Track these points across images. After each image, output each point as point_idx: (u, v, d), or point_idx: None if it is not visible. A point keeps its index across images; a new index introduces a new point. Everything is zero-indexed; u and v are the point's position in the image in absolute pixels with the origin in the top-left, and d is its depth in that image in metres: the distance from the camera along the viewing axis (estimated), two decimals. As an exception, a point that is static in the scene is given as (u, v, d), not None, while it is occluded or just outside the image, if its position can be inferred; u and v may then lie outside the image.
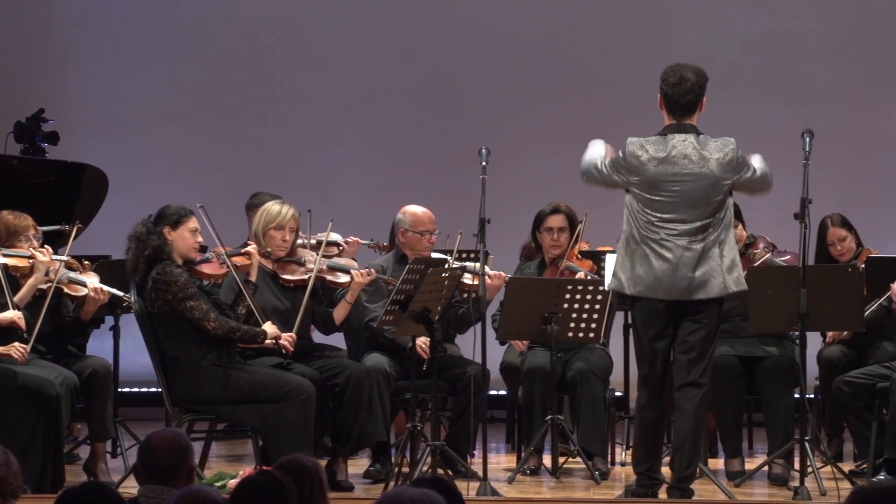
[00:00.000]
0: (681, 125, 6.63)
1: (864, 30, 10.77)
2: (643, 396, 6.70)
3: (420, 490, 3.84)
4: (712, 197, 6.58)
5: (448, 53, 11.01)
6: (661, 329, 6.63)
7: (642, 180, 6.60)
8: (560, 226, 8.06)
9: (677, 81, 6.60)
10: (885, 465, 7.40)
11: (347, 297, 7.60)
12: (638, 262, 6.60)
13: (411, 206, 7.97)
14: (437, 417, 7.43)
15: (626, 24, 10.83)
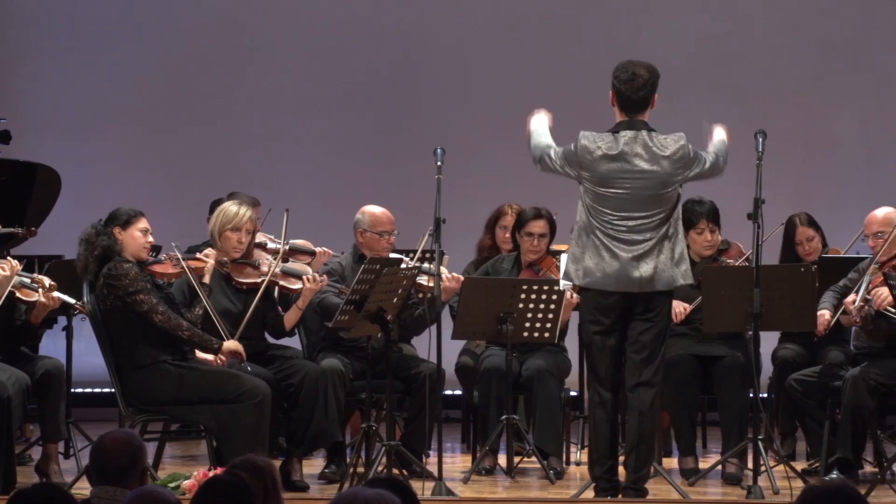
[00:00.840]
0: (632, 122, 6.67)
1: (816, 31, 10.84)
2: (595, 394, 6.72)
3: (375, 490, 3.83)
4: (663, 194, 6.62)
5: (403, 54, 11.01)
6: (611, 325, 6.66)
7: (593, 176, 6.64)
8: (541, 232, 8.09)
9: (629, 78, 6.64)
10: (837, 463, 7.45)
11: (298, 303, 7.57)
12: (589, 254, 6.63)
13: (370, 206, 7.96)
14: (392, 417, 7.43)
15: (579, 24, 10.86)
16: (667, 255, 6.61)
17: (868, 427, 7.59)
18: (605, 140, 6.66)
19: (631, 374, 6.66)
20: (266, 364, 7.43)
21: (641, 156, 6.62)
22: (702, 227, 7.90)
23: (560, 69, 10.77)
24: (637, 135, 6.64)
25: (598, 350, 6.69)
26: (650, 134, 6.65)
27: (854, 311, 7.36)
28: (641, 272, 6.58)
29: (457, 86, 10.96)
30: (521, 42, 10.93)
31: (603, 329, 6.67)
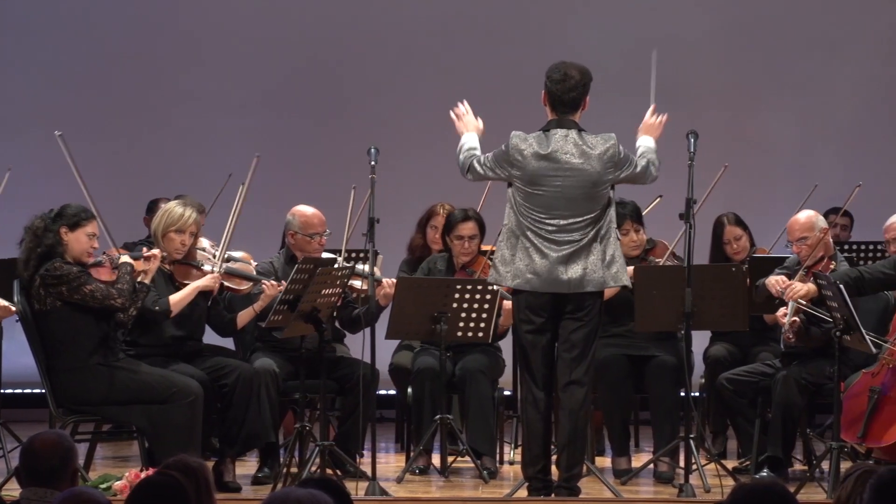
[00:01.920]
0: (563, 121, 6.71)
1: (746, 33, 10.93)
2: (528, 393, 6.75)
3: (307, 490, 3.83)
4: (593, 193, 6.66)
5: (334, 53, 10.98)
6: (542, 324, 6.69)
7: (524, 174, 6.67)
8: (471, 234, 8.09)
9: (561, 78, 6.68)
10: (768, 461, 7.51)
11: (255, 306, 7.55)
12: (519, 255, 6.65)
13: (301, 206, 7.93)
14: (325, 417, 7.42)
15: (509, 25, 10.88)
16: (597, 257, 6.64)
17: (798, 425, 7.67)
18: (536, 138, 6.69)
19: (562, 372, 6.69)
20: (199, 364, 7.39)
21: (572, 154, 6.66)
22: (626, 227, 7.94)
23: (491, 69, 10.79)
24: (568, 133, 6.68)
25: (531, 349, 6.72)
26: (581, 133, 6.69)
27: (787, 327, 7.37)
28: (571, 273, 6.61)
29: (387, 85, 10.95)
30: (452, 42, 10.94)
31: (535, 328, 6.70)
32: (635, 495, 7.40)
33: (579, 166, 6.64)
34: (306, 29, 10.99)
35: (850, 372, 7.28)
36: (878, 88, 10.86)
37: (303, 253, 7.80)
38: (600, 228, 6.67)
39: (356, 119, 10.81)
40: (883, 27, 10.86)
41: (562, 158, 6.65)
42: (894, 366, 6.98)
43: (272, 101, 10.96)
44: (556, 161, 6.65)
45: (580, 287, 6.62)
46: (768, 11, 10.91)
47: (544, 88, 6.74)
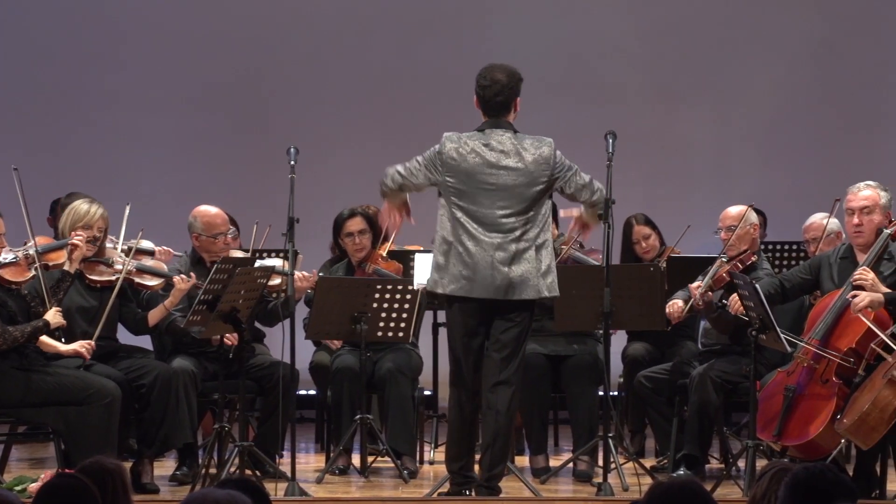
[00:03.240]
0: (497, 122, 6.73)
1: (666, 35, 11.01)
2: (456, 394, 6.75)
3: (226, 491, 3.81)
4: (528, 193, 6.66)
5: (256, 53, 10.94)
6: (475, 327, 6.70)
7: (459, 174, 6.66)
8: (360, 228, 8.08)
9: (488, 83, 6.70)
10: (685, 460, 7.58)
11: (166, 303, 7.50)
12: (452, 262, 6.65)
13: (202, 207, 7.87)
14: (245, 418, 7.38)
15: (433, 24, 10.90)
16: (533, 265, 6.64)
17: (714, 424, 7.74)
18: (470, 138, 6.70)
19: (491, 372, 6.70)
20: (117, 364, 7.33)
21: (506, 154, 6.67)
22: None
23: (413, 70, 10.81)
24: (503, 133, 6.70)
25: (463, 353, 6.72)
26: (516, 134, 6.71)
27: (697, 295, 7.50)
28: (506, 279, 6.62)
29: (308, 85, 10.92)
30: (373, 43, 10.94)
31: (468, 331, 6.71)
32: (554, 494, 7.43)
33: (513, 166, 6.66)
34: (228, 29, 10.94)
35: (766, 371, 7.36)
36: (795, 90, 11.00)
37: (209, 254, 7.77)
38: (538, 236, 6.66)
39: (277, 119, 10.77)
40: (800, 31, 10.99)
41: (496, 157, 6.66)
42: (809, 365, 7.06)
43: (193, 101, 10.89)
44: (491, 161, 6.66)
45: (516, 294, 6.63)
46: (688, 14, 11.01)
47: (476, 93, 6.76)
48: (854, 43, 10.97)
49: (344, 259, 8.24)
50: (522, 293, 6.63)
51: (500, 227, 6.64)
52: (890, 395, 6.63)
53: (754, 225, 7.78)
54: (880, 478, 7.06)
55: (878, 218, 7.15)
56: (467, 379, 6.72)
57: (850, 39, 10.98)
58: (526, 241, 6.64)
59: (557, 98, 10.72)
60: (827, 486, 3.94)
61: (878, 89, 10.99)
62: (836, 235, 8.22)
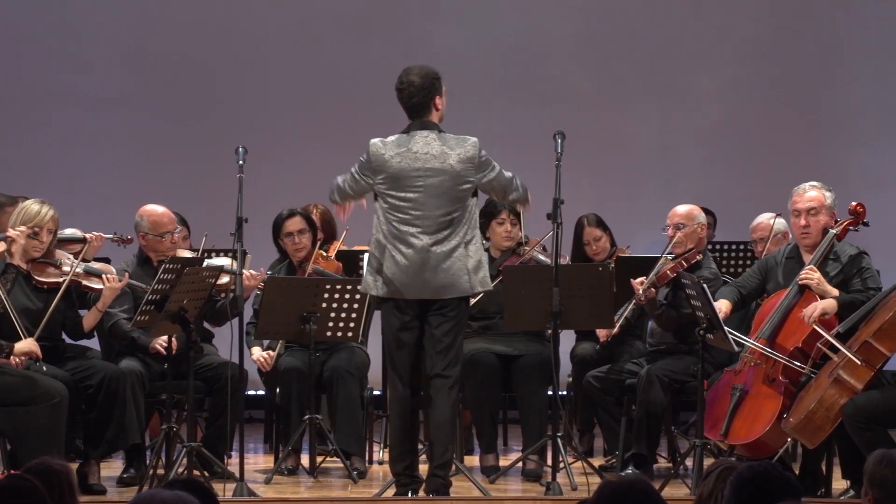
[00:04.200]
0: (422, 123, 6.77)
1: (612, 35, 11.05)
2: (394, 393, 6.77)
3: (173, 492, 3.79)
4: (455, 193, 6.71)
5: (203, 52, 10.89)
6: (408, 322, 6.74)
7: (387, 177, 6.71)
8: (298, 228, 8.07)
9: (403, 87, 6.78)
10: (633, 459, 7.61)
11: (98, 305, 7.44)
12: (385, 263, 6.70)
13: (148, 206, 7.83)
14: (193, 418, 7.35)
15: (380, 26, 10.89)
16: (463, 262, 6.70)
17: (662, 423, 7.78)
18: (396, 140, 6.77)
19: (429, 367, 6.76)
20: (64, 365, 7.29)
21: (432, 154, 6.71)
22: (503, 217, 8.01)
23: (357, 71, 10.79)
24: (427, 134, 6.75)
25: (397, 347, 6.75)
26: (441, 134, 6.76)
27: (641, 292, 7.54)
28: (438, 279, 6.67)
29: (256, 85, 10.89)
30: (320, 42, 10.92)
31: (402, 325, 6.74)
32: (503, 493, 7.44)
33: (440, 166, 6.70)
34: (175, 28, 10.88)
35: (714, 370, 7.40)
36: (739, 91, 11.06)
37: (156, 253, 7.73)
38: (466, 233, 6.73)
39: (225, 119, 10.73)
40: (743, 31, 11.06)
41: (422, 158, 6.71)
42: (756, 364, 7.11)
43: (141, 101, 10.83)
44: (417, 161, 6.71)
45: (448, 293, 6.69)
46: (635, 14, 11.05)
47: (397, 97, 6.82)
48: (800, 43, 11.05)
49: (286, 260, 8.22)
50: (454, 291, 6.69)
51: (428, 228, 6.69)
52: (835, 395, 6.69)
53: (702, 224, 7.83)
54: (826, 476, 7.12)
55: (824, 218, 7.20)
56: (404, 376, 6.75)
57: (796, 39, 11.06)
58: (455, 239, 6.70)
59: (505, 99, 10.74)
60: (771, 484, 3.97)
61: (824, 89, 11.07)
62: (783, 235, 8.28)
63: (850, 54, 11.08)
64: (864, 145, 11.00)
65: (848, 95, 11.07)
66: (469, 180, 6.73)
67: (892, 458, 4.25)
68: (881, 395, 6.67)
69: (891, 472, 4.22)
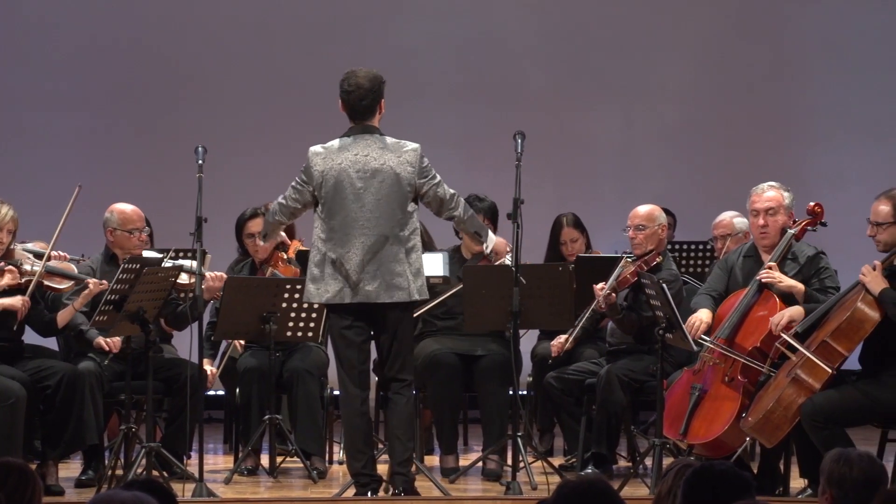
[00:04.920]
0: (364, 126, 6.79)
1: (572, 36, 11.08)
2: (345, 393, 6.78)
3: (131, 493, 3.78)
4: (395, 198, 6.72)
5: (162, 52, 10.86)
6: (353, 321, 6.75)
7: (327, 184, 6.71)
8: (260, 229, 8.05)
9: (351, 89, 6.78)
10: (593, 458, 7.63)
11: (76, 304, 7.41)
12: (327, 270, 6.71)
13: (119, 204, 7.82)
14: (152, 419, 7.33)
15: (339, 26, 10.87)
16: (405, 268, 6.71)
17: (622, 423, 7.80)
18: (336, 145, 6.78)
19: (384, 370, 6.81)
20: (22, 365, 7.25)
21: (374, 158, 6.73)
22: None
23: (318, 71, 10.75)
24: (368, 138, 6.76)
25: (346, 347, 6.75)
26: (382, 137, 6.78)
27: (601, 297, 7.57)
28: (379, 284, 6.68)
29: (215, 85, 10.86)
30: (279, 42, 10.90)
31: (349, 324, 6.75)
32: (463, 493, 7.45)
33: (381, 169, 6.71)
34: (135, 27, 10.84)
35: (673, 370, 7.43)
36: (699, 92, 11.11)
37: (123, 250, 7.70)
38: (407, 239, 6.74)
39: (184, 119, 10.70)
40: (704, 31, 11.11)
41: (362, 161, 6.72)
42: (715, 364, 7.14)
43: (100, 100, 10.78)
44: (357, 164, 6.72)
45: (388, 297, 6.70)
46: (595, 15, 11.08)
47: (340, 99, 6.81)
48: (759, 43, 11.10)
49: (248, 259, 8.20)
50: (395, 296, 6.70)
51: (370, 233, 6.70)
52: (794, 394, 6.73)
53: (662, 225, 7.84)
54: (784, 475, 7.16)
55: (782, 218, 7.24)
56: (352, 373, 6.75)
57: (755, 40, 11.11)
58: (396, 244, 6.71)
59: (465, 99, 10.75)
60: (723, 483, 3.99)
61: (783, 90, 11.13)
62: (743, 234, 8.30)
63: (808, 54, 11.15)
64: (823, 145, 11.07)
65: (806, 96, 11.14)
66: (410, 184, 6.73)
67: (849, 457, 4.28)
68: (839, 395, 6.71)
69: (848, 471, 4.24)
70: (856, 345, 6.76)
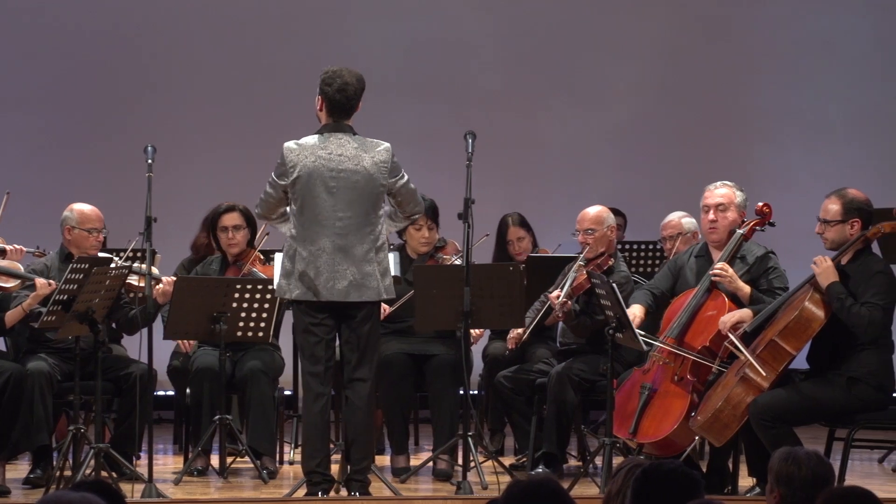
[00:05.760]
0: (338, 125, 6.78)
1: (523, 36, 11.11)
2: (308, 391, 6.76)
3: (80, 494, 3.75)
4: (367, 196, 6.73)
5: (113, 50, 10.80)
6: (322, 320, 6.74)
7: (301, 180, 6.70)
8: (234, 224, 8.03)
9: (342, 87, 6.75)
10: (544, 458, 7.65)
11: (24, 305, 7.36)
12: (298, 266, 6.69)
13: (79, 203, 7.79)
14: (101, 419, 7.29)
15: (289, 23, 10.85)
16: (375, 268, 6.72)
17: (572, 422, 7.82)
18: (311, 141, 6.76)
19: (346, 370, 6.78)
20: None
21: (347, 157, 6.73)
22: (420, 223, 8.00)
23: (272, 68, 10.75)
24: (343, 136, 6.76)
25: (314, 345, 6.74)
26: (355, 137, 6.78)
27: (557, 307, 7.59)
28: (348, 281, 6.68)
29: (166, 84, 10.82)
30: (232, 40, 10.87)
31: (317, 322, 6.73)
32: (414, 493, 7.45)
33: (353, 168, 6.72)
34: (83, 25, 10.78)
35: (623, 369, 7.45)
36: (652, 91, 11.16)
37: (79, 250, 7.66)
38: (377, 238, 6.76)
39: (134, 118, 10.64)
40: (655, 30, 11.16)
41: (336, 160, 6.72)
42: (664, 363, 7.17)
43: (49, 99, 10.71)
44: (332, 161, 6.71)
45: (360, 296, 6.70)
46: (547, 16, 11.11)
47: (320, 94, 6.78)
48: (709, 44, 11.17)
49: (218, 254, 8.16)
50: (364, 295, 6.70)
51: (341, 230, 6.70)
52: (742, 393, 6.77)
53: (611, 227, 7.86)
54: (733, 474, 7.20)
55: (732, 216, 7.27)
56: (318, 371, 6.74)
57: (704, 41, 11.18)
58: (367, 242, 6.72)
59: (417, 99, 10.75)
60: (673, 481, 4.01)
61: (733, 91, 11.20)
62: (692, 235, 8.35)
63: (758, 56, 11.22)
64: (772, 146, 11.14)
65: (756, 97, 11.21)
66: (381, 183, 6.74)
67: (796, 456, 4.31)
68: (787, 394, 6.76)
69: (796, 470, 4.27)
70: (804, 344, 6.82)
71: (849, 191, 6.94)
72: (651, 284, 7.52)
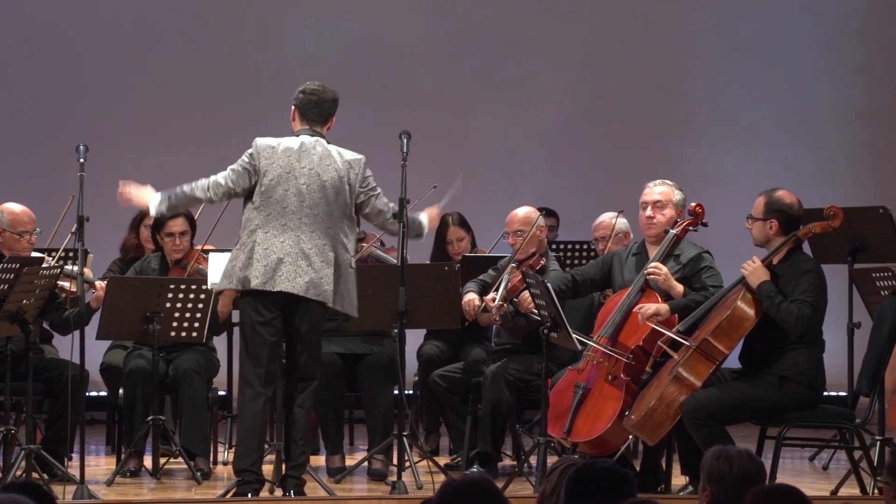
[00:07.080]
0: (313, 131, 6.84)
1: (455, 36, 11.13)
2: (248, 390, 6.73)
3: (9, 495, 3.73)
4: (335, 201, 6.75)
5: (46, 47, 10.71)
6: (272, 318, 6.72)
7: (269, 174, 6.71)
8: (181, 230, 7.97)
9: (321, 99, 6.83)
10: (478, 457, 7.66)
11: None
12: (256, 256, 6.67)
13: (9, 204, 7.71)
14: (32, 420, 7.22)
15: (223, 22, 10.80)
16: (331, 272, 6.72)
17: (507, 421, 7.84)
18: (283, 142, 6.79)
19: (290, 367, 6.79)
20: None
21: (319, 158, 6.75)
22: None
23: (205, 71, 10.70)
24: (317, 140, 6.81)
25: (259, 345, 6.72)
26: (329, 145, 6.83)
27: (494, 310, 7.60)
28: (306, 277, 6.66)
29: (99, 83, 10.74)
30: (165, 38, 10.81)
31: (264, 321, 6.72)
32: (349, 493, 7.44)
33: (323, 171, 6.73)
34: (17, 22, 10.68)
35: (557, 368, 7.48)
36: (584, 92, 11.21)
37: (11, 252, 7.59)
38: (342, 249, 6.74)
39: (65, 117, 10.56)
40: (584, 33, 11.21)
41: (306, 161, 6.74)
42: (598, 362, 7.21)
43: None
44: (302, 161, 6.73)
45: (313, 294, 6.69)
46: (479, 16, 11.14)
47: (296, 103, 6.84)
48: (641, 44, 11.24)
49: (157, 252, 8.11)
50: (319, 296, 6.69)
51: (306, 229, 6.70)
52: (675, 392, 6.81)
53: (541, 227, 7.86)
54: (666, 472, 7.25)
55: (670, 213, 7.32)
56: (260, 371, 6.72)
57: (637, 40, 11.25)
58: (328, 246, 6.72)
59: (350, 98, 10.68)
60: (607, 480, 4.03)
61: (665, 92, 11.28)
62: (624, 235, 8.39)
63: (690, 57, 11.31)
64: (704, 146, 11.23)
65: (688, 97, 11.30)
66: (349, 191, 6.76)
67: (728, 454, 4.34)
68: (719, 393, 6.81)
69: (728, 468, 4.30)
70: (736, 343, 6.87)
71: (778, 191, 7.00)
72: (576, 270, 7.56)
